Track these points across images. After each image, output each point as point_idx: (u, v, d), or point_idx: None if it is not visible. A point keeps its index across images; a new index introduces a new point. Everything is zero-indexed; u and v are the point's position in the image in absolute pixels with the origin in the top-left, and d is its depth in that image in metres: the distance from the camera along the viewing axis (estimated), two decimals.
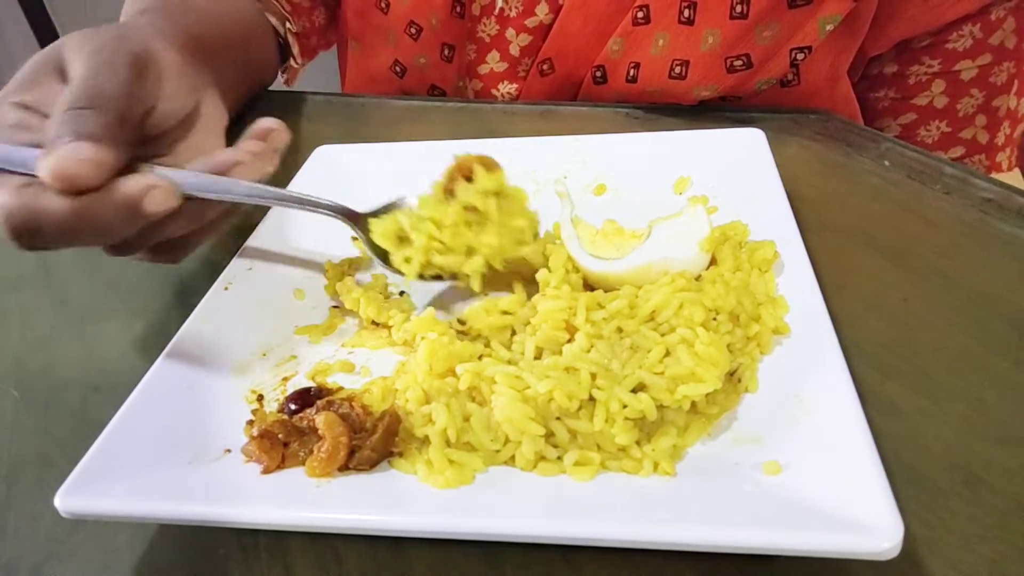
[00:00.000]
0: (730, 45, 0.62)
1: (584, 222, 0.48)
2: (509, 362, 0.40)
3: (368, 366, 0.43)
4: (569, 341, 0.39)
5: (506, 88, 0.76)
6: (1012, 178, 0.71)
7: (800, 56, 0.62)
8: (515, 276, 0.47)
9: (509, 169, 0.57)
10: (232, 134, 0.75)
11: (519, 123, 0.70)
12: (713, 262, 0.44)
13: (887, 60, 0.69)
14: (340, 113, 0.78)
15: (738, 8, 0.60)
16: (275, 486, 0.34)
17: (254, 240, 0.50)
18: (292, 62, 0.81)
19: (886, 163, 0.56)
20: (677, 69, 0.64)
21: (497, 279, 0.48)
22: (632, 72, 0.67)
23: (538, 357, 0.40)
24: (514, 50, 0.73)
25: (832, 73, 0.66)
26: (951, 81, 0.67)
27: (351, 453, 0.35)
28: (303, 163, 0.59)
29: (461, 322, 0.44)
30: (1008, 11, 0.63)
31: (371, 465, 0.35)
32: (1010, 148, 0.71)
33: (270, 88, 0.86)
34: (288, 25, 0.78)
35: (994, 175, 0.70)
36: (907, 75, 0.69)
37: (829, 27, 0.60)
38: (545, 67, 0.72)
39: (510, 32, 0.72)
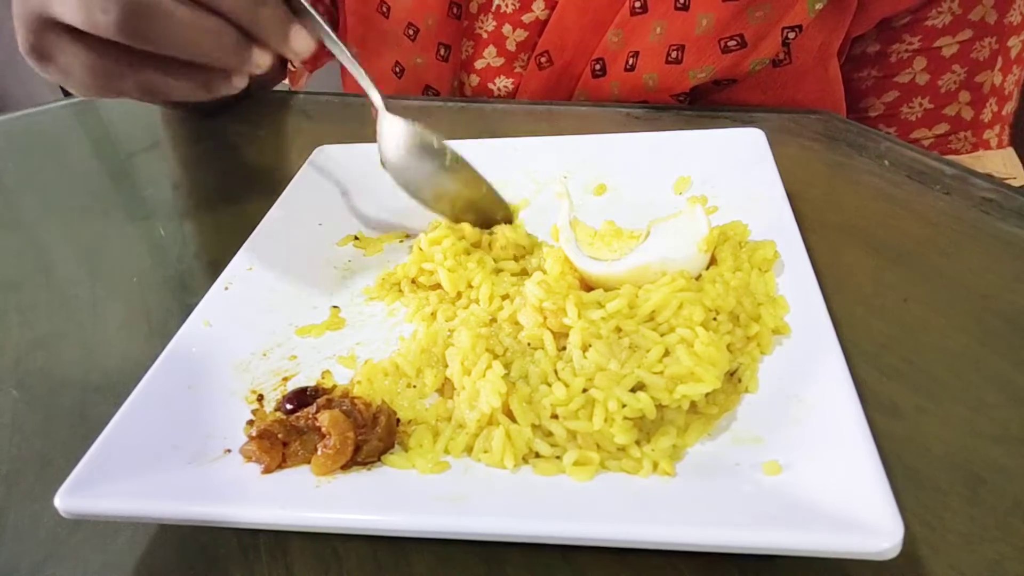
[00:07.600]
0: (724, 26, 0.63)
1: (583, 224, 0.48)
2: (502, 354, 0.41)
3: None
4: (564, 338, 0.39)
5: (502, 83, 0.76)
6: (1004, 156, 0.71)
7: (791, 35, 0.62)
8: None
9: (509, 169, 0.57)
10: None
11: (519, 123, 0.70)
12: (713, 262, 0.44)
13: (870, 40, 0.69)
14: (340, 113, 0.78)
15: None
16: (275, 486, 0.34)
17: (254, 240, 0.50)
18: (291, 65, 0.82)
19: (886, 163, 0.56)
20: (673, 54, 0.65)
21: None
22: (631, 61, 0.68)
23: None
24: (510, 45, 0.74)
25: (822, 52, 0.66)
26: (932, 58, 0.68)
27: (357, 448, 0.35)
28: (303, 163, 0.59)
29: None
30: None
31: (379, 455, 0.36)
32: (999, 126, 0.71)
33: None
34: None
35: (981, 152, 0.71)
36: (889, 53, 0.69)
37: (818, 6, 0.61)
38: (543, 60, 0.72)
39: (507, 28, 0.73)
